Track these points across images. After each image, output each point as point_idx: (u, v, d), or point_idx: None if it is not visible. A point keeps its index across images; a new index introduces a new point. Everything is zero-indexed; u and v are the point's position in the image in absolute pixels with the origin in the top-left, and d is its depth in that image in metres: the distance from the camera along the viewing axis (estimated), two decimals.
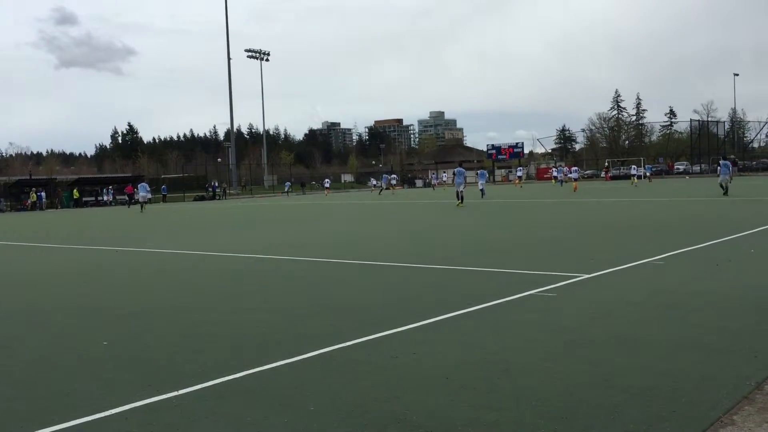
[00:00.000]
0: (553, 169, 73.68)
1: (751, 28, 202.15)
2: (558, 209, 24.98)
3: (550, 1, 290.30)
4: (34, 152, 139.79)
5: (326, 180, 79.22)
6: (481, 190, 36.25)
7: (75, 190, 59.57)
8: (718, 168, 30.25)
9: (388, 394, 4.61)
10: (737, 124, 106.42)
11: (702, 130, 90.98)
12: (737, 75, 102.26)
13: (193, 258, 13.57)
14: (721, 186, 28.13)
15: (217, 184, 72.50)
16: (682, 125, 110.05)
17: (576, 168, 57.79)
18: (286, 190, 74.64)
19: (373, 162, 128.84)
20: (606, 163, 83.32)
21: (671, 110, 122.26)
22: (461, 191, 29.87)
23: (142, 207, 41.89)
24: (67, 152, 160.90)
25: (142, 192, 41.59)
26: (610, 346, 5.61)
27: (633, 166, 62.75)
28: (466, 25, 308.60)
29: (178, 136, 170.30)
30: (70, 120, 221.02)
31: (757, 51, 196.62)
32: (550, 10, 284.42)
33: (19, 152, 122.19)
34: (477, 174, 33.84)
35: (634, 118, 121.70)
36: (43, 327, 7.39)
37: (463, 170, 31.81)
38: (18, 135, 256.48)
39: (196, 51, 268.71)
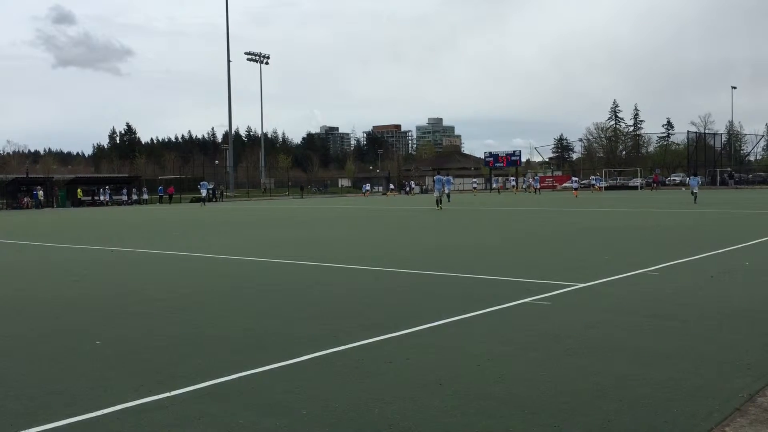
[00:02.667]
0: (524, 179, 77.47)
1: (749, 42, 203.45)
2: (544, 217, 25.02)
3: (549, 12, 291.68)
4: (32, 151, 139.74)
5: (393, 185, 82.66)
6: (447, 194, 39.69)
7: (79, 190, 59.39)
8: (688, 180, 45.03)
9: (381, 399, 4.61)
10: (734, 136, 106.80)
11: (699, 142, 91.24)
12: (735, 88, 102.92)
13: (190, 259, 13.55)
14: (693, 194, 36.06)
15: (210, 186, 72.01)
16: (679, 137, 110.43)
17: (576, 178, 63.48)
18: (363, 190, 77.24)
19: (371, 167, 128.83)
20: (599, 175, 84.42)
21: (669, 122, 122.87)
22: (439, 197, 34.54)
23: (203, 203, 50.92)
24: (65, 151, 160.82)
25: (203, 190, 51.56)
26: (604, 355, 5.62)
27: (592, 177, 65.19)
28: (465, 33, 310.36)
29: (176, 138, 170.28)
30: (67, 119, 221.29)
31: (754, 65, 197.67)
32: (548, 20, 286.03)
33: (17, 150, 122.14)
34: (444, 181, 37.36)
35: (631, 128, 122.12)
36: (37, 325, 7.37)
37: (442, 178, 36.76)
38: (16, 133, 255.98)
39: (195, 53, 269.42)
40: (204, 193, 51.80)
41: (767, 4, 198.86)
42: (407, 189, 75.73)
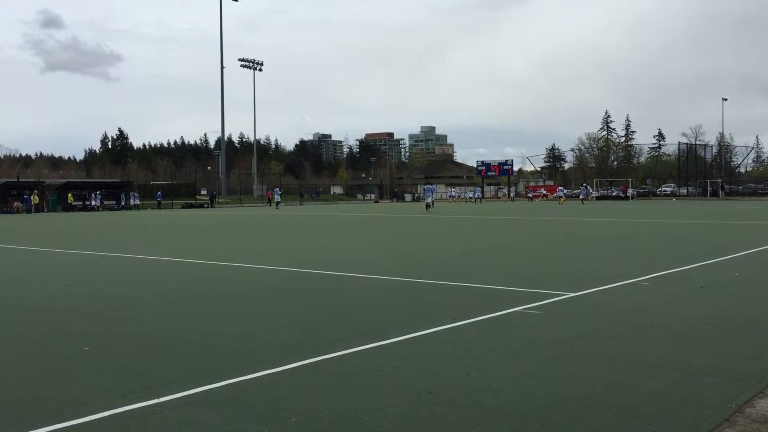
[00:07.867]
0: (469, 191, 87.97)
1: (736, 55, 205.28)
2: (531, 226, 25.07)
3: (539, 22, 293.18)
4: (23, 155, 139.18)
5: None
6: (432, 202, 46.63)
7: (70, 195, 59.09)
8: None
9: (371, 406, 4.60)
10: (725, 148, 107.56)
11: (690, 153, 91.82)
12: (726, 100, 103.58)
13: (180, 265, 13.49)
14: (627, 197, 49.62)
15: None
16: (670, 148, 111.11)
17: (561, 187, 72.30)
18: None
19: (363, 175, 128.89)
20: (583, 184, 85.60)
21: (660, 132, 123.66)
22: (429, 202, 44.57)
23: (277, 206, 59.53)
24: (56, 156, 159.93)
25: (276, 196, 61.28)
26: (594, 364, 5.62)
27: (560, 187, 72.61)
28: (456, 41, 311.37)
29: (169, 143, 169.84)
30: (58, 123, 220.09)
31: (742, 77, 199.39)
32: (539, 30, 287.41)
33: (8, 154, 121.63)
34: (432, 189, 46.96)
35: (623, 139, 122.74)
36: (25, 330, 7.30)
37: (431, 187, 47.54)
38: (6, 137, 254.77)
39: (185, 58, 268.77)
40: (278, 198, 61.06)
41: (752, 18, 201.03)
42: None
